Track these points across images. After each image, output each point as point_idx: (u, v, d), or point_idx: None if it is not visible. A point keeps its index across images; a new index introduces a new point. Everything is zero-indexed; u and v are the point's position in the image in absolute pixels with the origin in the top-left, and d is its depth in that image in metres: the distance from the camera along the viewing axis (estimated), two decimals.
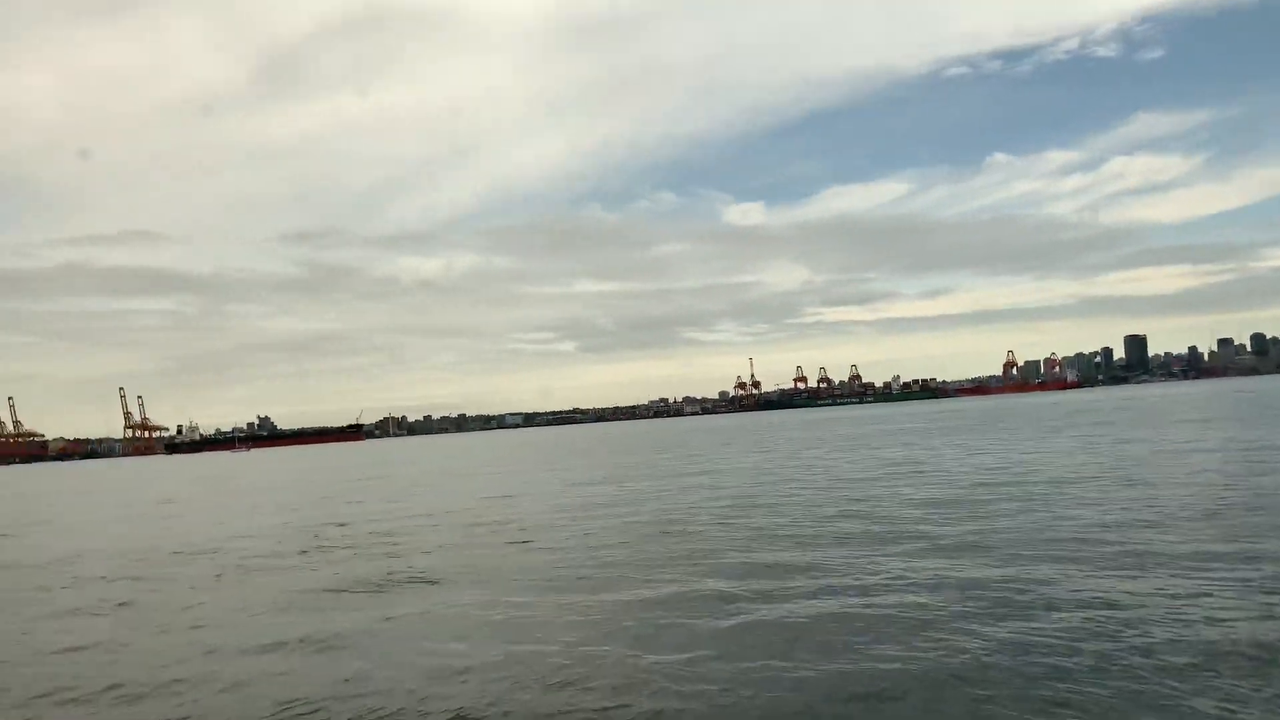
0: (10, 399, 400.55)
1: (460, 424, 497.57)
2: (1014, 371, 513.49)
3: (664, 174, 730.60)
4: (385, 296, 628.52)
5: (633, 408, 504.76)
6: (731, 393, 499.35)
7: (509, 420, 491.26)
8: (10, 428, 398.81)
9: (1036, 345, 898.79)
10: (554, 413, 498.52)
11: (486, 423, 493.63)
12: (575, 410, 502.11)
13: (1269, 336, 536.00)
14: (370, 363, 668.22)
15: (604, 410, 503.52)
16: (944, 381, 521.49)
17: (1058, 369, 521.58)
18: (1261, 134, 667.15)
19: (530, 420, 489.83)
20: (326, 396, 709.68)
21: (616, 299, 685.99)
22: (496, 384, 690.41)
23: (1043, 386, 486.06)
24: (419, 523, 31.47)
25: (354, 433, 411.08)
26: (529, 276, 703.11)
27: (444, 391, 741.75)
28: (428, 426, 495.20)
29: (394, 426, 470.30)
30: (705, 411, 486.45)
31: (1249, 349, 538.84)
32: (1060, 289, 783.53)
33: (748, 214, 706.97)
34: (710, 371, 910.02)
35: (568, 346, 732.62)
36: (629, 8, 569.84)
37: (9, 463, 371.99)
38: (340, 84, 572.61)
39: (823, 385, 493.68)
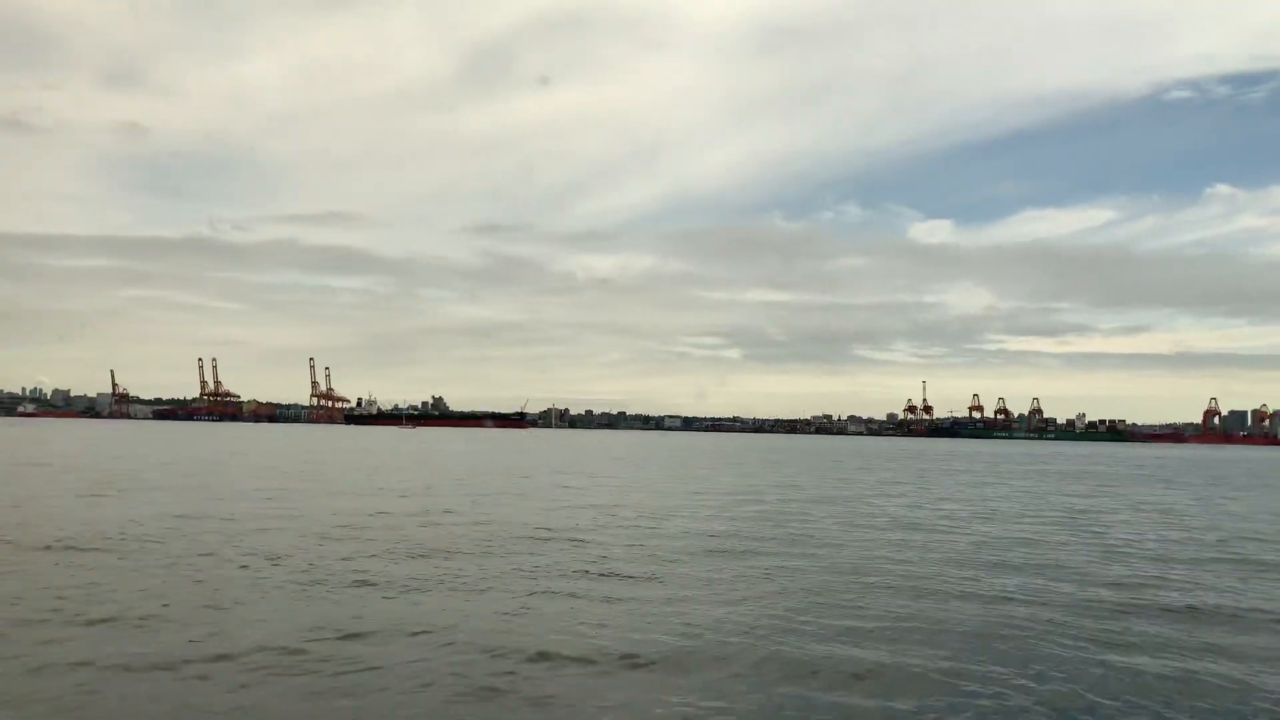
0: (214, 360, 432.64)
1: (618, 420, 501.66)
2: (1215, 420, 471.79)
3: (850, 186, 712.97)
4: (562, 291, 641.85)
5: (794, 421, 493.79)
6: (900, 415, 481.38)
7: (667, 422, 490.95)
8: (211, 387, 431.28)
9: (1245, 396, 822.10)
10: (713, 419, 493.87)
11: (645, 422, 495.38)
12: (735, 418, 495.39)
13: None
14: (543, 354, 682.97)
15: (764, 421, 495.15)
16: (1134, 424, 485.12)
17: (1266, 422, 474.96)
18: None
19: (689, 424, 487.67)
20: (500, 383, 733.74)
21: (789, 309, 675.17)
22: (660, 385, 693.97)
23: (1248, 440, 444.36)
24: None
25: (518, 420, 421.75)
26: (702, 281, 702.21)
27: (609, 388, 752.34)
28: (587, 420, 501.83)
29: (556, 417, 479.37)
30: (870, 432, 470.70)
31: None
32: (1277, 336, 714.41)
33: (934, 232, 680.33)
34: (879, 392, 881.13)
35: (734, 354, 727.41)
36: (825, 14, 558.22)
37: (208, 419, 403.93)
38: (536, 81, 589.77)
39: (1000, 416, 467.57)
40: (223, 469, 59.79)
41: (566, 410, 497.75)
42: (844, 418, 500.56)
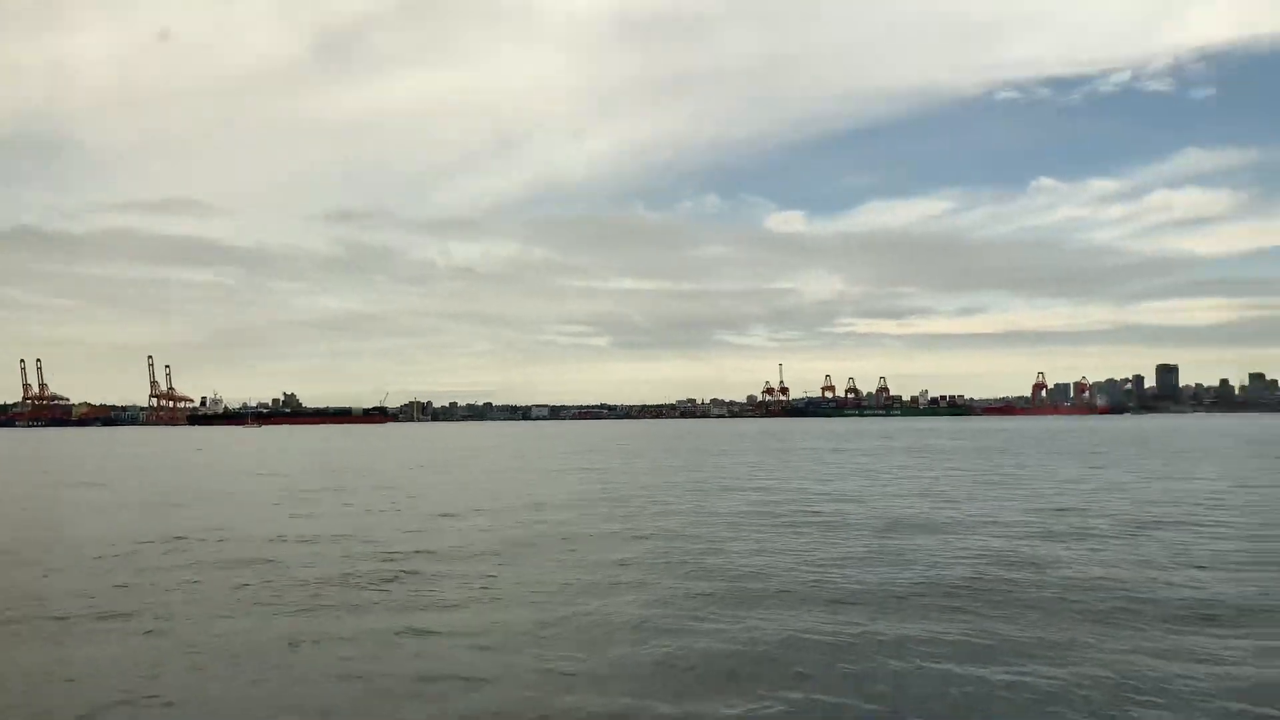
0: (38, 361, 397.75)
1: (484, 413, 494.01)
2: (1043, 394, 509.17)
3: (709, 177, 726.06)
4: (423, 280, 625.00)
5: (660, 407, 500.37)
6: (760, 397, 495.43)
7: (535, 412, 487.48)
8: (35, 390, 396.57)
9: (1068, 369, 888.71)
10: (582, 407, 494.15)
11: (512, 413, 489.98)
12: (603, 406, 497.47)
13: None
14: (404, 346, 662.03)
15: (632, 408, 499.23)
16: (972, 399, 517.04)
17: (1087, 394, 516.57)
18: None
19: (556, 413, 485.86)
20: (358, 377, 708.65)
21: (654, 297, 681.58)
22: (527, 375, 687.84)
23: (1071, 410, 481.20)
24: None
25: (378, 415, 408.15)
26: (568, 269, 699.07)
27: (474, 379, 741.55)
28: (451, 413, 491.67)
29: (418, 411, 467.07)
30: (732, 414, 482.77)
31: None
32: (1096, 315, 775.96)
33: (788, 222, 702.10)
34: (740, 375, 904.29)
35: (601, 341, 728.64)
36: (687, 9, 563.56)
37: (31, 425, 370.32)
38: (393, 66, 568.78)
39: (850, 395, 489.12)
40: None
41: (429, 403, 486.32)
42: (707, 401, 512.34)
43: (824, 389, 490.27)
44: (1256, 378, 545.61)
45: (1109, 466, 48.86)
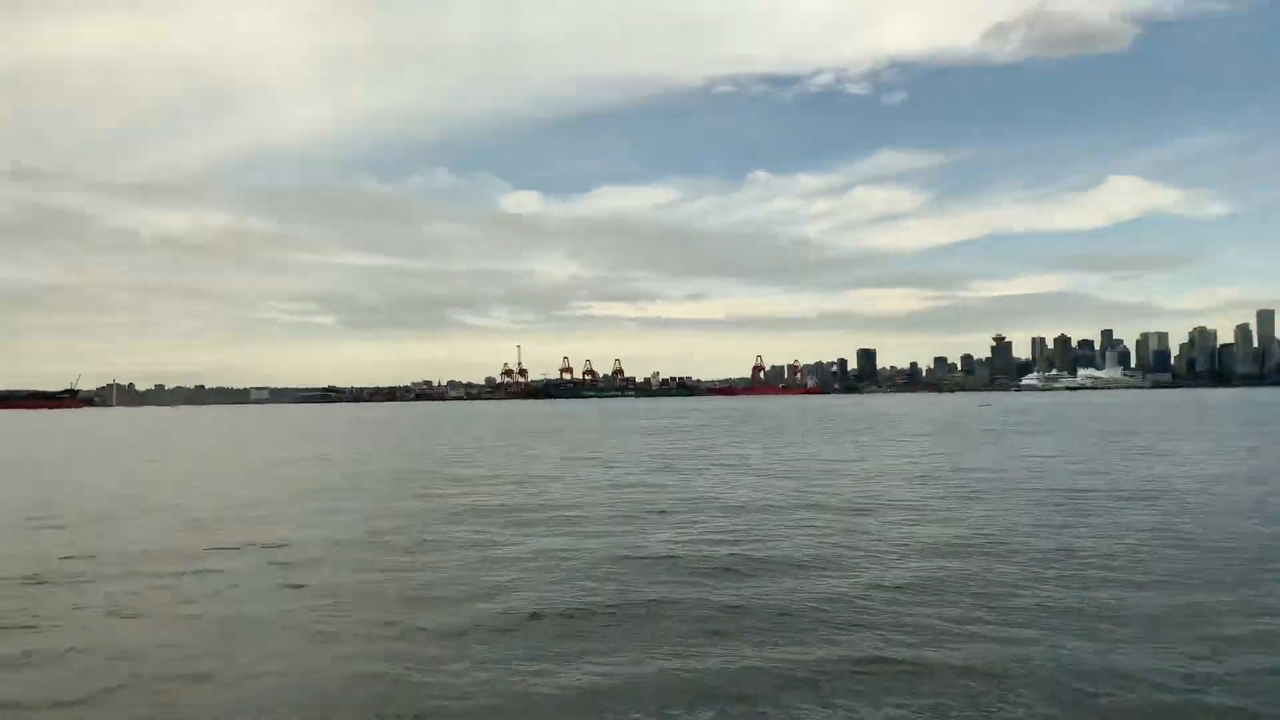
0: None
1: (197, 396, 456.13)
2: (761, 375, 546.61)
3: (441, 152, 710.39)
4: (121, 250, 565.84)
5: (394, 389, 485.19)
6: (499, 379, 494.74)
7: (255, 395, 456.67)
8: None
9: (783, 352, 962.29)
10: (307, 389, 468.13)
11: (228, 396, 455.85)
12: (330, 388, 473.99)
13: (975, 358, 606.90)
14: (99, 323, 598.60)
15: (363, 390, 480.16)
16: (699, 380, 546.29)
17: (799, 375, 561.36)
18: (981, 180, 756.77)
19: (279, 396, 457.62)
20: (40, 357, 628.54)
21: (385, 274, 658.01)
22: (245, 355, 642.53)
23: (785, 390, 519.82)
24: None
25: (68, 398, 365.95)
26: (289, 242, 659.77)
27: (185, 360, 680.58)
28: (161, 397, 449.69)
29: (117, 395, 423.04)
30: (470, 397, 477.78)
31: (959, 368, 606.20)
32: (806, 302, 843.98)
33: (524, 203, 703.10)
34: (479, 356, 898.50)
35: (327, 320, 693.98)
36: None
37: None
38: (77, 9, 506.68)
39: (588, 377, 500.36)
40: None
41: (132, 386, 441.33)
42: (444, 383, 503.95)
43: (562, 371, 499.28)
44: (940, 361, 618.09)
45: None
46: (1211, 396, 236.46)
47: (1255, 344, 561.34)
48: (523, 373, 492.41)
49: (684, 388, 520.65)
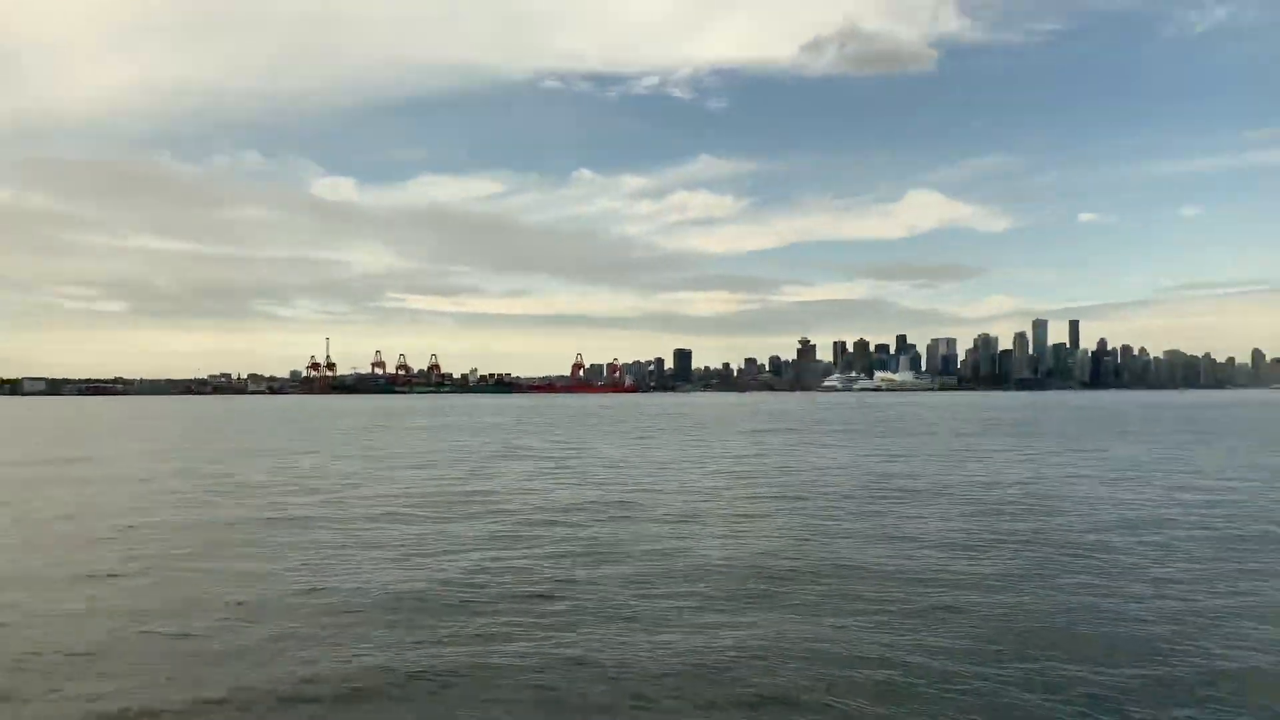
0: None
1: None
2: (581, 373, 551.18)
3: (249, 132, 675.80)
4: None
5: (189, 382, 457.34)
6: (304, 373, 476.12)
7: (29, 386, 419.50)
8: None
9: (602, 350, 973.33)
10: (89, 381, 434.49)
11: None
12: (118, 380, 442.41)
13: (783, 359, 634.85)
14: None
15: (157, 382, 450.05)
16: (518, 377, 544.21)
17: (618, 374, 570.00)
18: (795, 189, 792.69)
19: (57, 388, 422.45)
20: None
21: (183, 260, 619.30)
22: (19, 342, 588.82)
23: (604, 389, 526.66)
24: None
25: None
26: (74, 222, 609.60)
27: None
28: None
29: None
30: (273, 391, 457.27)
31: (768, 369, 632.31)
32: (626, 302, 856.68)
33: (338, 189, 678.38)
34: (282, 349, 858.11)
35: (117, 306, 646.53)
36: None
37: None
38: None
39: (401, 372, 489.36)
40: None
41: None
42: (244, 376, 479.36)
43: (374, 365, 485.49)
44: (750, 361, 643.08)
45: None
46: (987, 399, 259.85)
47: (1031, 350, 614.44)
48: (330, 366, 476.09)
49: (503, 385, 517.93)
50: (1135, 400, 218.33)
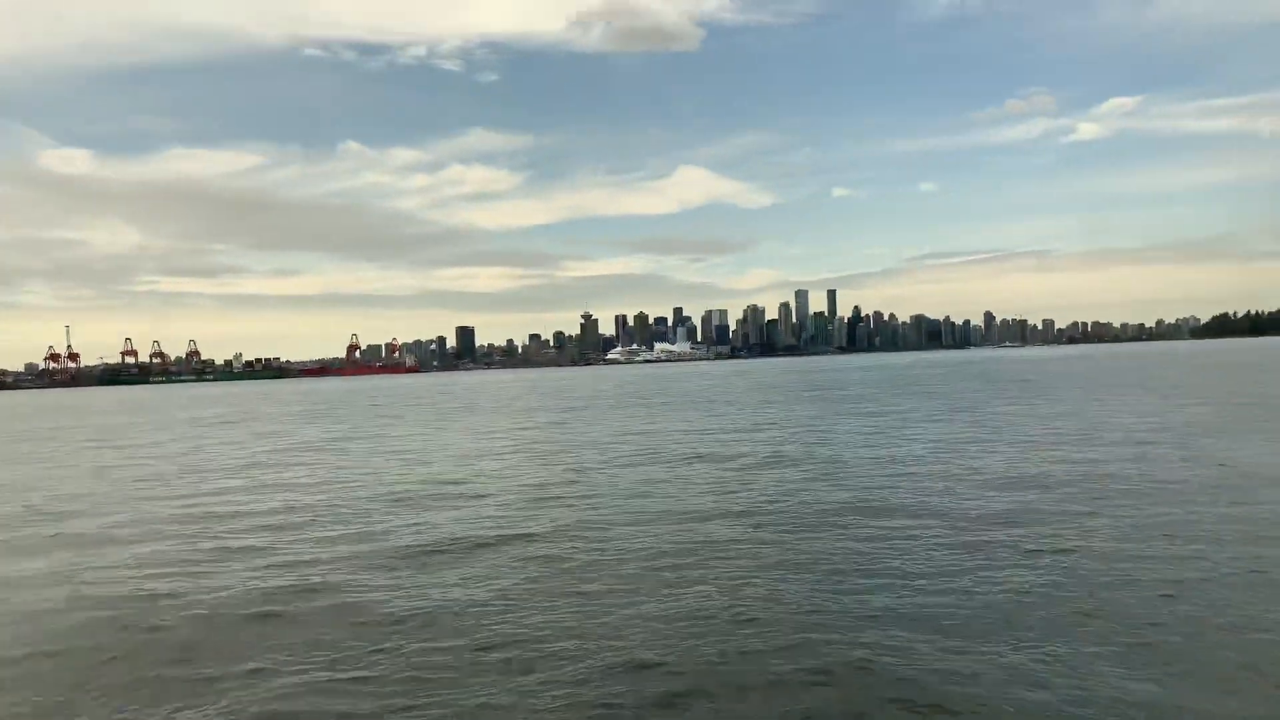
0: None
1: None
2: (358, 354, 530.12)
3: None
4: None
5: None
6: (43, 365, 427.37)
7: None
8: None
9: (379, 330, 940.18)
10: None
11: None
12: None
13: (567, 334, 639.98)
14: None
15: None
16: (289, 361, 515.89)
17: (398, 354, 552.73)
18: (571, 164, 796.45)
19: None
20: None
21: None
22: None
23: (384, 370, 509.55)
24: None
25: None
26: None
27: None
28: None
29: None
30: (4, 387, 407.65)
31: (552, 344, 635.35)
32: (403, 279, 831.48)
33: (71, 161, 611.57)
34: (13, 340, 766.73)
35: None
36: None
37: None
38: None
39: (156, 360, 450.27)
40: None
41: None
42: None
43: (125, 354, 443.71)
44: (534, 337, 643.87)
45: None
46: (762, 365, 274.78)
47: (794, 319, 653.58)
48: (73, 357, 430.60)
49: (273, 370, 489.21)
50: (897, 361, 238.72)
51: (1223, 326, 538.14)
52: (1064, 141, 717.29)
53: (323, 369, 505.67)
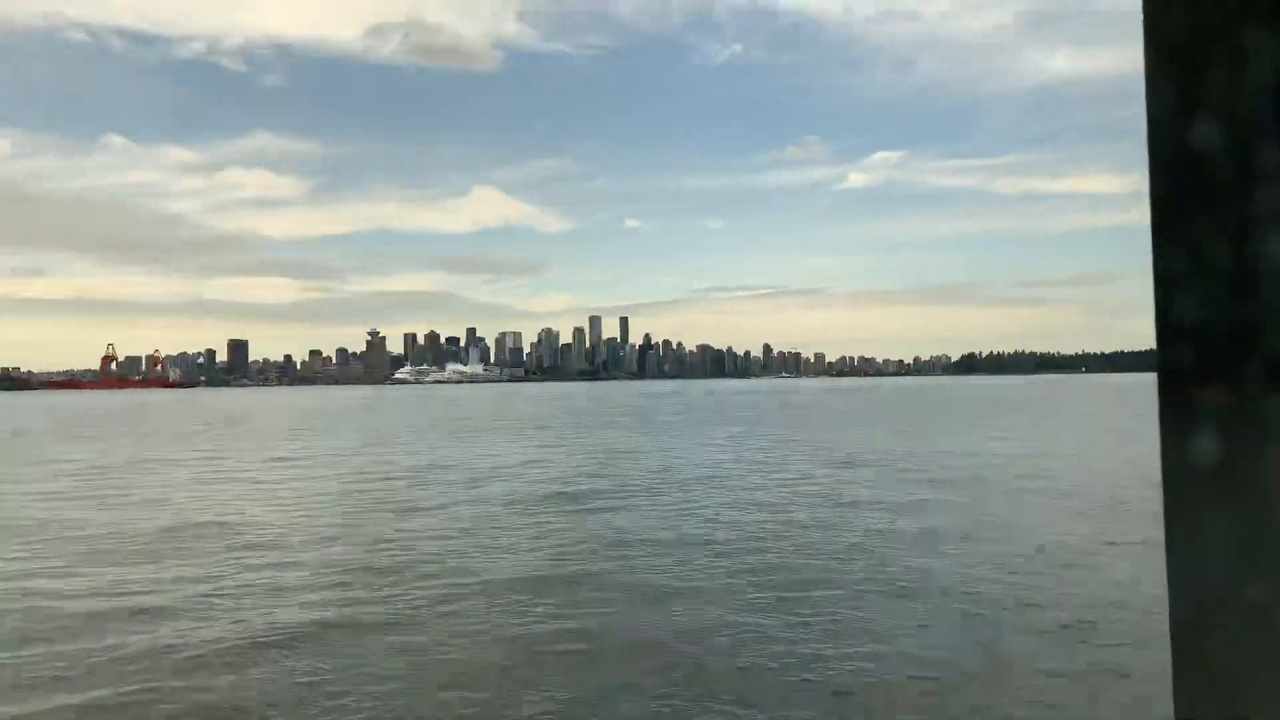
0: None
1: None
2: (113, 366, 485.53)
3: None
4: None
5: None
6: None
7: None
8: None
9: (141, 341, 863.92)
10: None
11: None
12: None
13: (350, 351, 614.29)
14: None
15: None
16: (31, 372, 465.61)
17: (160, 367, 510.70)
18: (363, 176, 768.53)
19: None
20: None
21: None
22: None
23: (143, 384, 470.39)
24: None
25: None
26: None
27: None
28: None
29: None
30: None
31: (335, 360, 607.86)
32: (171, 287, 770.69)
33: None
34: None
35: None
36: None
37: None
38: None
39: None
40: None
41: None
42: None
43: None
44: (315, 353, 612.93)
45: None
46: (557, 389, 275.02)
47: (588, 344, 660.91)
48: None
49: (11, 381, 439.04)
50: (689, 388, 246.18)
51: (970, 365, 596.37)
52: (838, 188, 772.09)
53: (71, 381, 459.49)
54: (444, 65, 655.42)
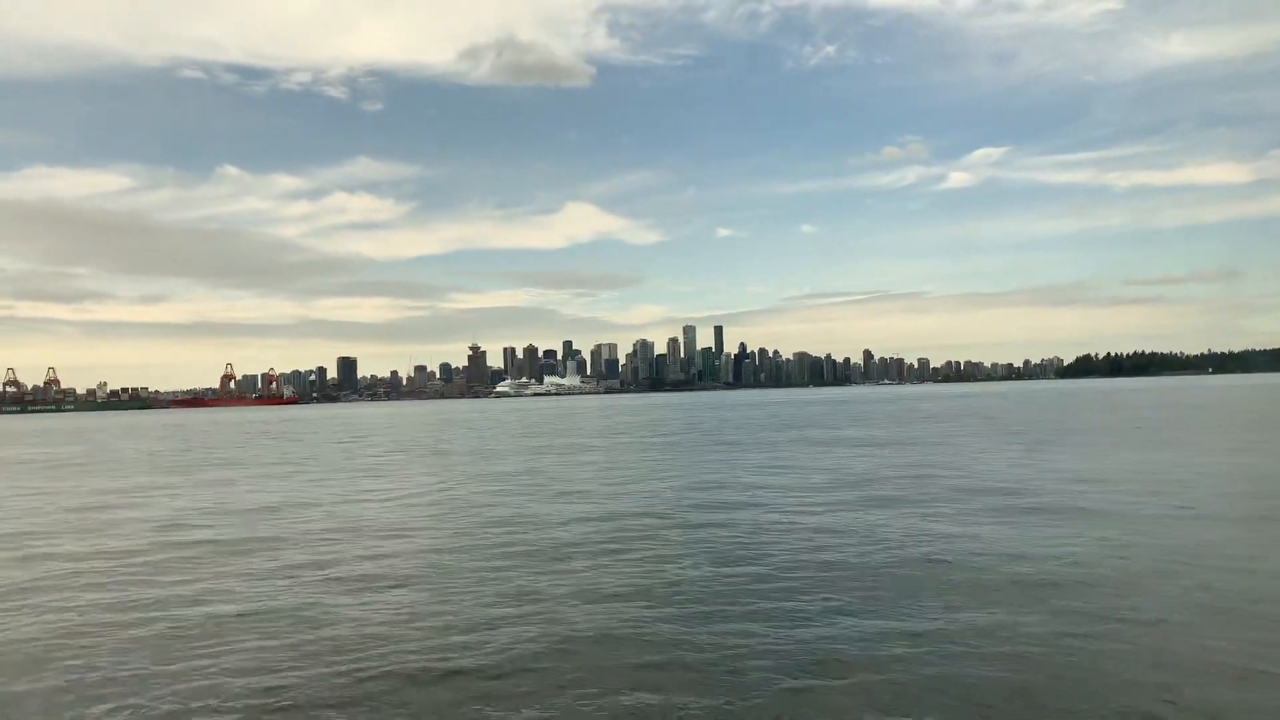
0: None
1: None
2: (232, 385, 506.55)
3: None
4: None
5: None
6: None
7: None
8: None
9: (256, 360, 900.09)
10: None
11: None
12: None
13: (453, 366, 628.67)
14: None
15: None
16: (157, 391, 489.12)
17: (274, 384, 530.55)
18: (458, 196, 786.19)
19: None
20: None
21: None
22: None
23: (261, 401, 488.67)
24: None
25: None
26: None
27: None
28: None
29: None
30: None
31: (439, 375, 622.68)
32: (281, 308, 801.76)
33: None
34: None
35: None
36: None
37: None
38: None
39: (10, 389, 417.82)
40: None
41: None
42: None
43: None
44: (420, 369, 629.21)
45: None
46: (657, 400, 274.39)
47: (682, 354, 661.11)
48: None
49: (139, 400, 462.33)
50: (800, 397, 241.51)
51: (1084, 367, 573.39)
52: (936, 188, 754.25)
53: (195, 400, 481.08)
54: (536, 83, 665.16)
